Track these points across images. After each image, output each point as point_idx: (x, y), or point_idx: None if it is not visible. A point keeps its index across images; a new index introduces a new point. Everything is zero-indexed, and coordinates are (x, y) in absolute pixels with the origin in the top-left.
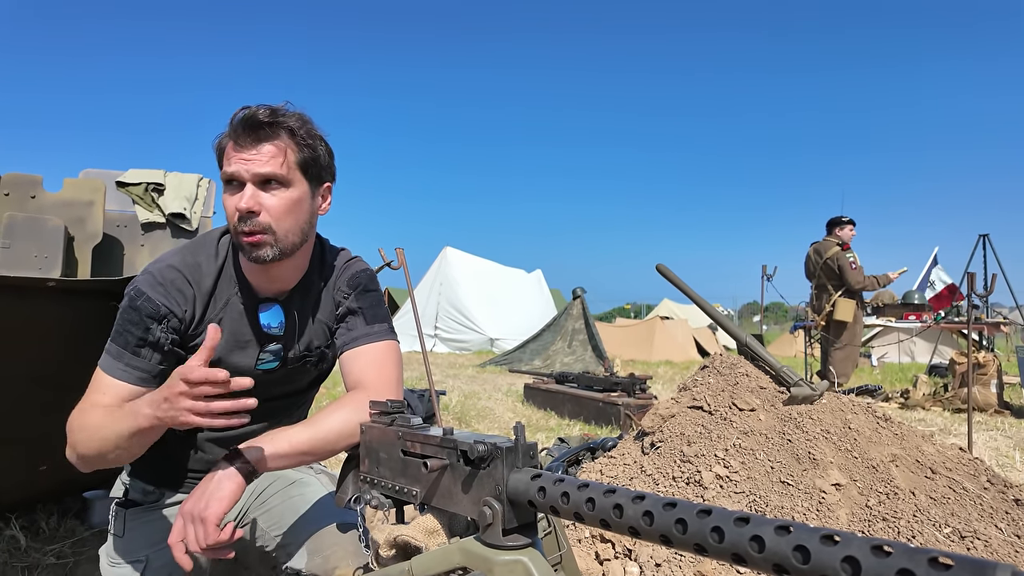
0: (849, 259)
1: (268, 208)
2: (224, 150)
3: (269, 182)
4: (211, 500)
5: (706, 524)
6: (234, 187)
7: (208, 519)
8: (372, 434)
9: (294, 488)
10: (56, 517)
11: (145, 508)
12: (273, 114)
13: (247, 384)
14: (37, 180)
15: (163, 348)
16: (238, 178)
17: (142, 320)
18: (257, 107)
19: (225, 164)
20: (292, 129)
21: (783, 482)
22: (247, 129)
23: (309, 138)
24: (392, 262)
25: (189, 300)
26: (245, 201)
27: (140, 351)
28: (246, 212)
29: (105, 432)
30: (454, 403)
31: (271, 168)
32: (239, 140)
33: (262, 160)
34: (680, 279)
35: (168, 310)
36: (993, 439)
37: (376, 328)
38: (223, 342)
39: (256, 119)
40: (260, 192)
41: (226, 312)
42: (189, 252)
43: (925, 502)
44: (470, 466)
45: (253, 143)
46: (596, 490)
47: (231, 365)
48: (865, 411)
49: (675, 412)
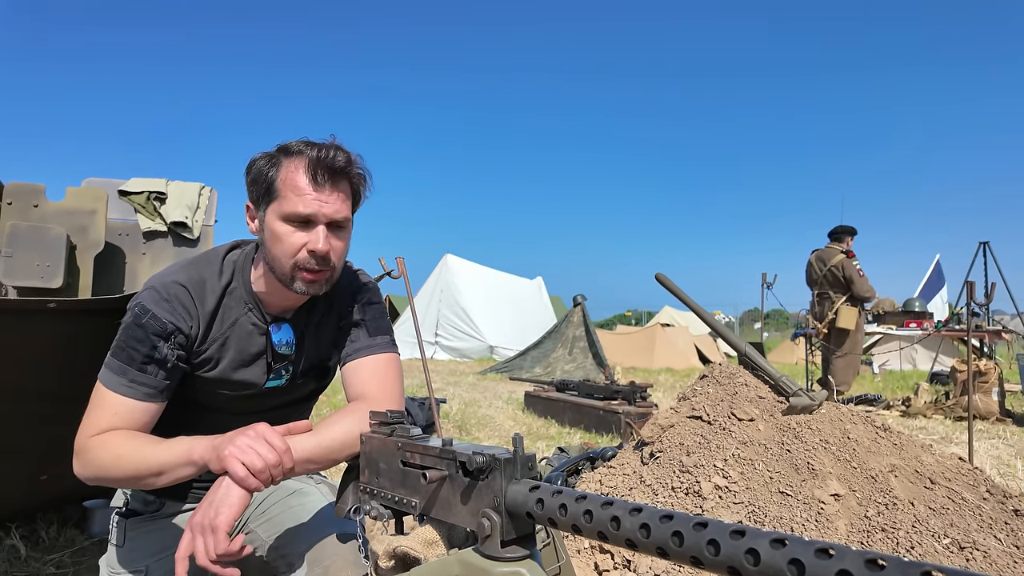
0: (857, 267)
1: (335, 250)
2: (286, 183)
3: (336, 225)
4: (220, 508)
5: (702, 536)
6: (302, 225)
7: (219, 527)
8: (372, 444)
9: (294, 498)
10: (56, 526)
11: (146, 518)
12: (348, 160)
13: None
14: (40, 189)
15: (169, 364)
16: (314, 220)
17: (148, 338)
18: (331, 148)
19: (296, 202)
20: (359, 176)
21: (782, 492)
22: (327, 171)
23: (363, 184)
24: (392, 271)
25: (194, 317)
26: (323, 243)
27: (146, 368)
28: (323, 255)
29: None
30: (455, 411)
31: (345, 214)
32: (318, 180)
33: (336, 204)
34: (679, 288)
35: (175, 327)
36: (995, 447)
37: (379, 340)
38: (230, 360)
39: (337, 164)
40: (330, 235)
41: (233, 331)
42: (194, 268)
43: (924, 512)
44: (469, 477)
45: (331, 187)
46: (594, 502)
47: (239, 382)
48: (864, 421)
49: (674, 422)
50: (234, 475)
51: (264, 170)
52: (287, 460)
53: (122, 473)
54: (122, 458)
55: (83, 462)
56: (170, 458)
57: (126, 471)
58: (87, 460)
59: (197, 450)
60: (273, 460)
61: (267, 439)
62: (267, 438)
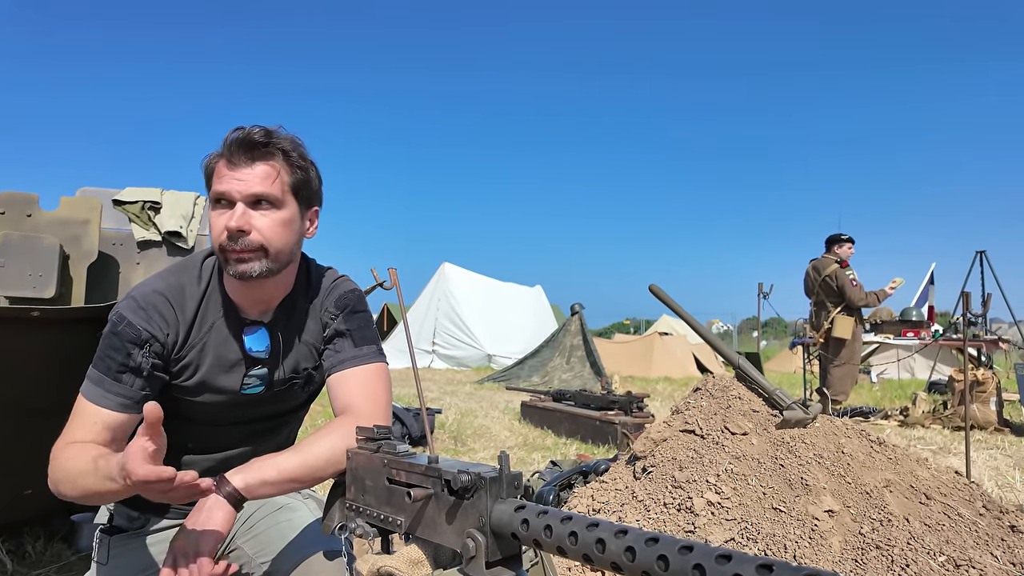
0: (849, 276)
1: (259, 228)
2: (214, 169)
3: (260, 202)
4: (203, 534)
5: (687, 561)
6: (223, 206)
7: (203, 553)
8: (358, 461)
9: (281, 514)
10: (43, 541)
11: (130, 535)
12: (268, 135)
13: (199, 482)
14: (33, 199)
15: (144, 373)
16: (228, 197)
17: (123, 345)
18: (252, 127)
19: (216, 183)
20: (286, 151)
21: (775, 509)
22: (242, 148)
23: (302, 160)
24: (385, 282)
25: (172, 324)
26: (235, 220)
27: (121, 377)
28: (236, 231)
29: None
30: (450, 421)
31: (264, 188)
32: (233, 159)
33: (252, 180)
34: (673, 300)
35: (150, 335)
36: (993, 458)
37: (364, 350)
38: (208, 366)
39: (251, 139)
40: (251, 211)
41: (210, 336)
42: (172, 275)
43: (919, 529)
44: (454, 496)
45: (247, 162)
46: (579, 523)
47: (216, 387)
48: (859, 435)
49: (667, 436)
50: None
51: (205, 164)
52: None
53: (79, 492)
54: (83, 475)
55: (51, 472)
56: (102, 486)
57: (84, 488)
58: (53, 470)
59: (114, 483)
60: None
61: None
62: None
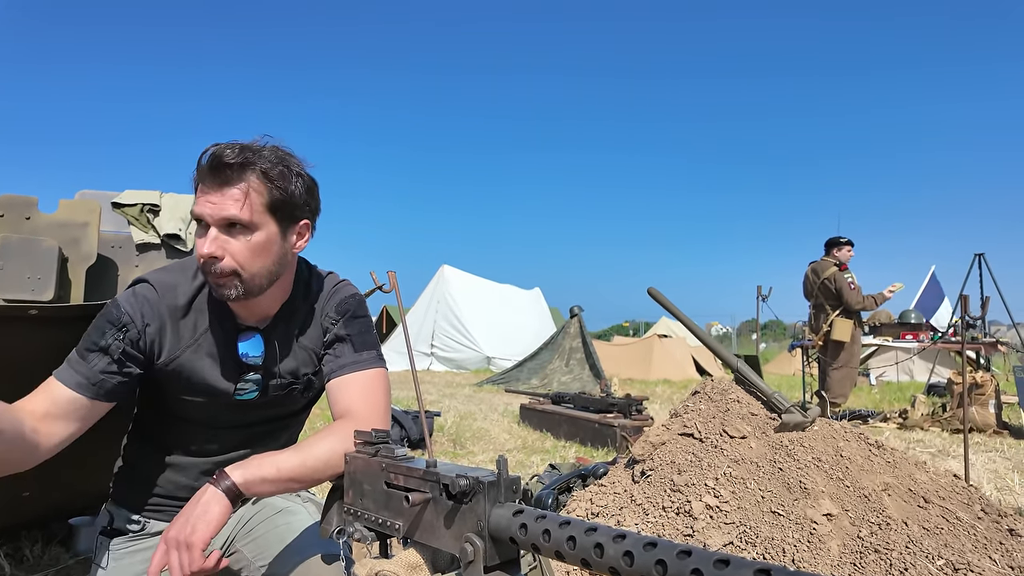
0: (847, 279)
1: (232, 253)
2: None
3: (234, 225)
4: (197, 524)
5: (686, 566)
6: (202, 227)
7: (194, 544)
8: (356, 464)
9: (280, 517)
10: (41, 544)
11: (130, 538)
12: (241, 154)
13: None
14: (32, 201)
15: (112, 356)
16: (204, 220)
17: (103, 325)
18: (225, 146)
19: (194, 203)
20: (263, 169)
21: (774, 512)
22: (212, 171)
23: (280, 179)
24: (384, 285)
25: (156, 316)
26: (207, 246)
27: (88, 356)
28: (208, 258)
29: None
30: (449, 424)
31: (234, 211)
32: (205, 181)
33: (226, 204)
34: (671, 303)
35: (130, 319)
36: (992, 460)
37: (364, 356)
38: (205, 368)
39: (221, 161)
40: (223, 236)
41: (205, 338)
42: (168, 272)
43: (918, 532)
44: (452, 500)
45: (218, 186)
46: (577, 528)
47: (211, 390)
48: (857, 438)
49: (666, 439)
50: None
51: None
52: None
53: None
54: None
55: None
56: None
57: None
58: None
59: None
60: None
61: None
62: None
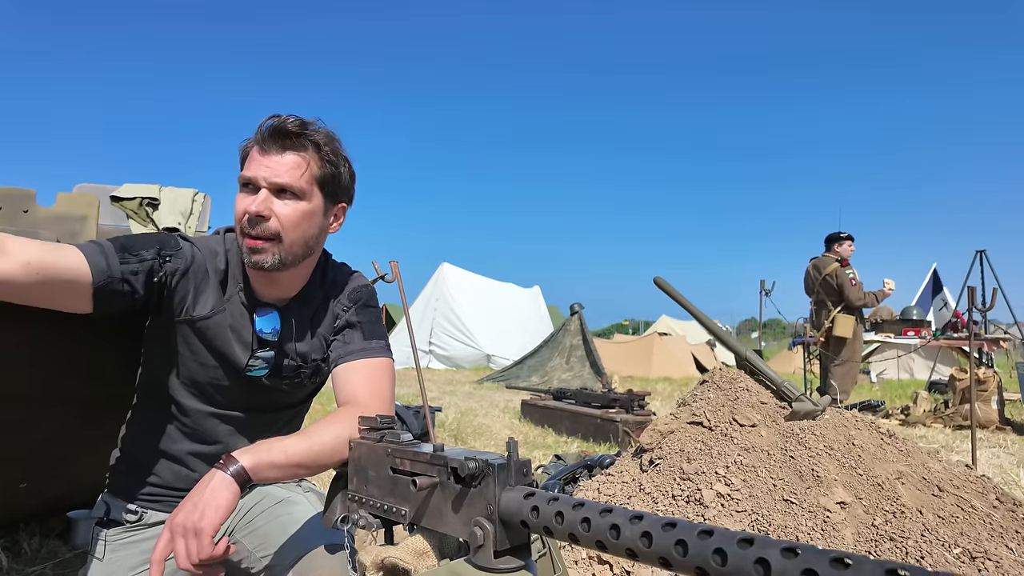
0: (849, 275)
1: (278, 215)
2: (248, 153)
3: (284, 191)
4: (206, 510)
5: (708, 545)
6: (249, 190)
7: (204, 531)
8: (361, 451)
9: (281, 507)
10: (39, 538)
11: (126, 529)
12: (302, 126)
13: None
14: (30, 194)
15: (143, 270)
16: (254, 182)
17: (153, 242)
18: (287, 116)
19: (245, 167)
20: (318, 144)
21: (786, 500)
22: (274, 136)
23: (333, 156)
24: (386, 275)
25: (198, 271)
26: (256, 204)
27: (124, 255)
28: (256, 215)
29: None
30: (450, 420)
31: (290, 178)
32: (264, 145)
33: (282, 169)
34: (678, 292)
35: (180, 256)
36: (996, 456)
37: (373, 344)
38: (227, 334)
39: (285, 128)
40: (273, 199)
41: (228, 306)
42: (207, 240)
43: (933, 521)
44: (460, 484)
45: (278, 151)
46: (592, 509)
47: (226, 357)
48: (869, 427)
49: (674, 428)
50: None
51: (242, 149)
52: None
53: None
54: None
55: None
56: None
57: None
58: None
59: None
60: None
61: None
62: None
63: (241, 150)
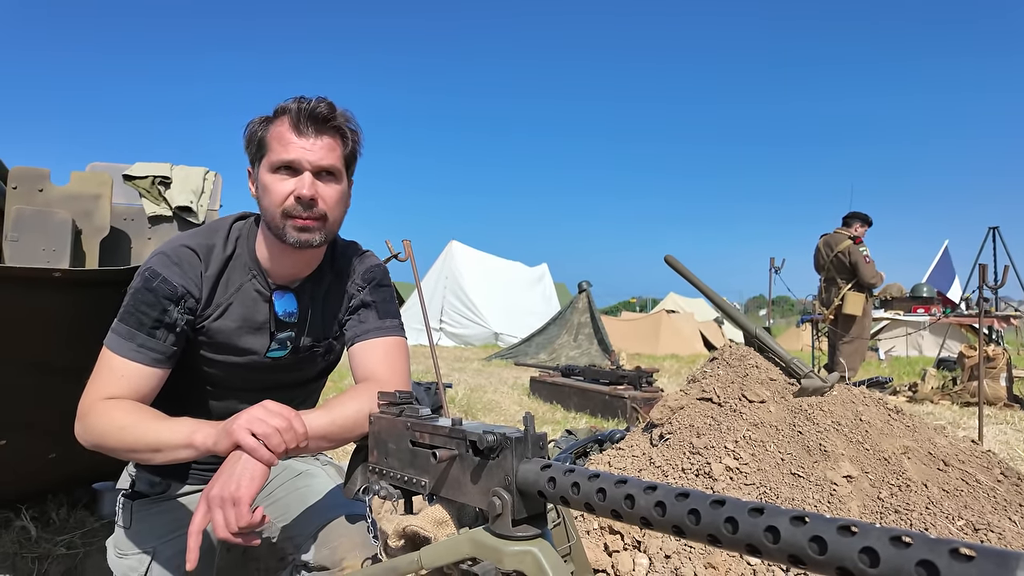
0: (863, 253)
1: (324, 198)
2: (273, 136)
3: (323, 174)
4: (242, 480)
5: (720, 514)
6: (289, 172)
7: (241, 499)
8: (381, 424)
9: (300, 480)
10: (66, 508)
11: (152, 500)
12: (332, 109)
13: None
14: (45, 173)
15: (177, 329)
16: (298, 165)
17: (159, 301)
18: (317, 100)
19: (280, 151)
20: (348, 126)
21: (794, 474)
22: (311, 120)
23: (354, 136)
24: (399, 254)
25: (203, 281)
26: (308, 188)
27: (155, 332)
28: (309, 199)
29: (132, 436)
30: (460, 396)
31: (331, 161)
32: (301, 129)
33: (321, 152)
34: (688, 270)
35: (185, 290)
36: (1003, 432)
37: (388, 323)
38: (235, 327)
39: (321, 112)
40: (317, 181)
41: (237, 297)
42: (202, 235)
43: (938, 494)
44: (479, 456)
45: (316, 134)
46: (607, 480)
47: (240, 348)
48: (876, 403)
49: (684, 404)
50: (246, 446)
51: (256, 129)
52: (298, 425)
53: (121, 444)
54: (124, 429)
55: (85, 426)
56: (171, 438)
57: (126, 442)
58: (89, 424)
59: (200, 435)
60: (283, 425)
61: (272, 408)
62: (272, 407)
63: (254, 134)
